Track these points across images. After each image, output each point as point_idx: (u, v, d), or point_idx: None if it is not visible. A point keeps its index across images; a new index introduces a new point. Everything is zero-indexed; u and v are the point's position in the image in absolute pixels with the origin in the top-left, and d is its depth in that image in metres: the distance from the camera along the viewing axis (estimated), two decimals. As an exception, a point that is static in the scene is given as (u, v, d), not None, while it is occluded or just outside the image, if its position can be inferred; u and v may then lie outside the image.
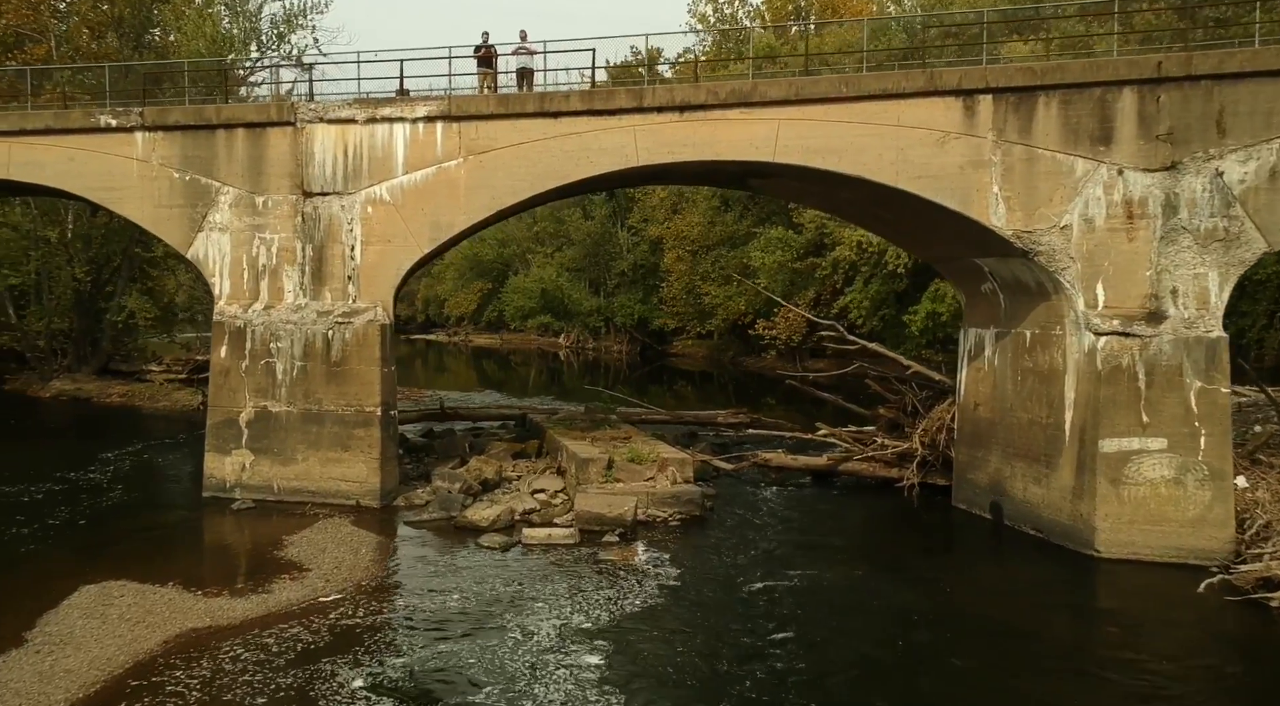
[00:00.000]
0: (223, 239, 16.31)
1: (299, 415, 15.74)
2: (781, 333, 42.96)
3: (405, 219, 15.69)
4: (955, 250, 15.08)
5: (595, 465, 15.35)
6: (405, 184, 15.73)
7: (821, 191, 15.49)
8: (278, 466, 15.79)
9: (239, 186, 16.17)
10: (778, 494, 17.11)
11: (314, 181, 15.96)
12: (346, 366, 15.66)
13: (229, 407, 16.01)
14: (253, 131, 16.14)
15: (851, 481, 17.94)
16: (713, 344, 56.08)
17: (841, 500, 16.85)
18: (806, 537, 14.15)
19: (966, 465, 15.70)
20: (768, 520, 15.12)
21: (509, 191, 15.38)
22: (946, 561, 13.50)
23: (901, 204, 14.50)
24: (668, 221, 52.80)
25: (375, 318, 15.67)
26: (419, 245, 15.72)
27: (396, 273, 15.86)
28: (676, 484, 15.26)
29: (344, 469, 15.59)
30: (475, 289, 79.72)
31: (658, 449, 16.35)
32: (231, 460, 15.95)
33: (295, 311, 15.96)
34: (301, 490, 15.66)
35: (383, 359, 15.63)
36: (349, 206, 15.89)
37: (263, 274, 16.22)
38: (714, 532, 14.20)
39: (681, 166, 15.23)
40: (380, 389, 15.57)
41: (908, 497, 16.30)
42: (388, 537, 13.51)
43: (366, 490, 15.48)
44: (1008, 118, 13.42)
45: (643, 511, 14.51)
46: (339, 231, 15.94)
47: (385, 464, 15.62)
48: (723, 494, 16.86)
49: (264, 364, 15.92)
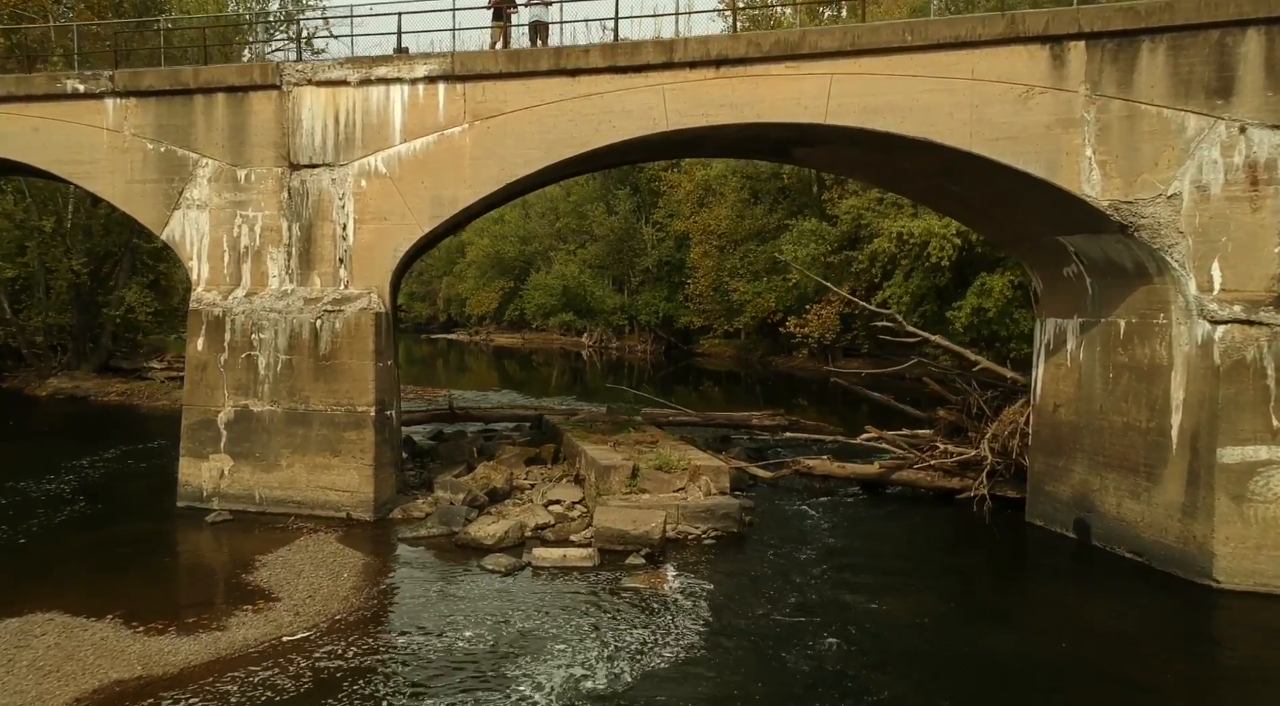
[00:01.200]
0: (201, 217, 14.53)
1: (283, 415, 13.92)
2: (814, 330, 40.94)
3: (403, 193, 13.85)
4: (1034, 227, 13.05)
5: (618, 473, 13.44)
6: (403, 154, 13.88)
7: (879, 161, 13.50)
8: (259, 473, 13.98)
9: (219, 158, 14.39)
10: (824, 506, 15.12)
11: (301, 152, 14.15)
12: (336, 360, 13.83)
13: (206, 407, 14.22)
14: (234, 97, 14.35)
15: (905, 492, 15.95)
16: (740, 343, 54.12)
17: (897, 514, 14.84)
18: (862, 560, 12.17)
19: (1044, 475, 13.66)
20: (815, 538, 13.15)
21: (520, 161, 13.50)
22: (1030, 591, 11.46)
23: (974, 173, 12.50)
24: (694, 216, 50.83)
25: (369, 305, 13.84)
26: (419, 223, 13.86)
27: (393, 254, 14.01)
28: (710, 495, 13.32)
29: (333, 476, 13.76)
30: (497, 287, 78.20)
31: (688, 455, 14.41)
32: (209, 466, 14.16)
33: (280, 298, 14.15)
34: (286, 500, 13.85)
35: (377, 352, 13.78)
36: (340, 180, 14.06)
37: (244, 256, 14.42)
38: (755, 554, 12.25)
39: (717, 132, 13.30)
40: (374, 386, 13.73)
41: (974, 511, 14.28)
42: (377, 558, 11.64)
43: (358, 501, 13.64)
44: (1104, 68, 11.39)
45: (672, 528, 12.59)
46: (329, 208, 14.12)
47: (380, 471, 13.77)
48: (761, 506, 14.90)
49: (245, 357, 14.12)
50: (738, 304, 46.50)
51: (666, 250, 58.22)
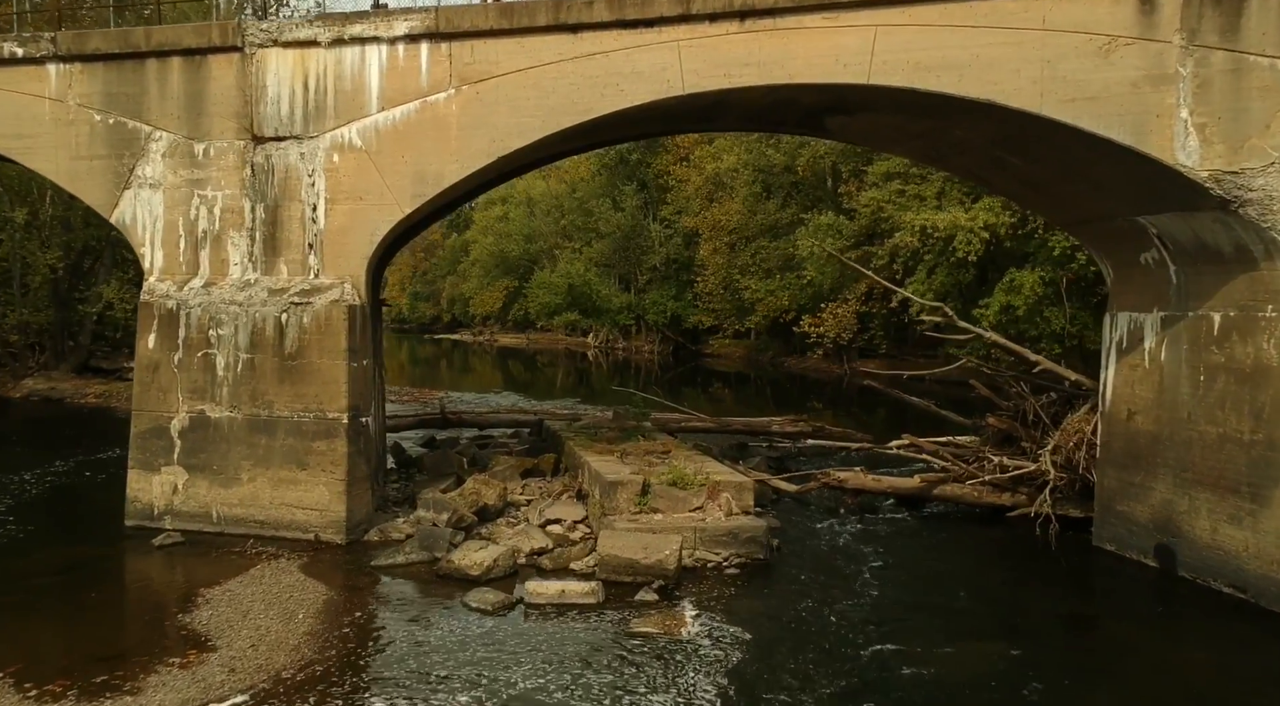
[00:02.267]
0: (154, 198, 12.82)
1: (244, 422, 12.20)
2: (830, 330, 39.19)
3: (381, 169, 12.12)
4: (1108, 205, 11.26)
5: (626, 490, 11.69)
6: (381, 124, 12.16)
7: (927, 130, 11.72)
8: (217, 488, 12.26)
9: (174, 131, 12.67)
10: (858, 526, 13.36)
11: (266, 123, 12.43)
12: (304, 360, 12.10)
13: (157, 412, 12.50)
14: (190, 60, 12.63)
15: (948, 508, 14.19)
16: (750, 343, 52.42)
17: (942, 536, 13.07)
18: (910, 597, 10.40)
19: (1115, 493, 11.86)
20: (853, 567, 11.38)
21: (514, 131, 11.76)
22: (1115, 637, 9.64)
23: (1041, 142, 10.73)
24: (703, 211, 49.11)
25: (342, 297, 12.11)
26: (398, 203, 12.13)
27: (370, 239, 12.28)
28: (732, 515, 11.56)
29: (300, 493, 12.03)
30: (500, 287, 76.71)
31: (705, 467, 12.65)
32: (160, 480, 12.44)
33: (242, 289, 12.43)
34: (247, 519, 12.13)
35: (351, 350, 12.04)
36: (310, 155, 12.34)
37: (203, 242, 12.71)
38: (785, 588, 10.48)
39: (741, 97, 11.54)
40: (347, 389, 11.99)
41: (1029, 532, 12.53)
42: (342, 592, 9.89)
43: (329, 521, 11.91)
44: (1204, 13, 9.60)
45: (689, 554, 10.84)
46: (297, 187, 12.40)
47: (353, 487, 12.04)
48: (787, 525, 13.16)
49: (201, 357, 12.40)
50: (749, 302, 44.78)
51: (674, 247, 56.53)
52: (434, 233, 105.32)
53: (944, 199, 32.24)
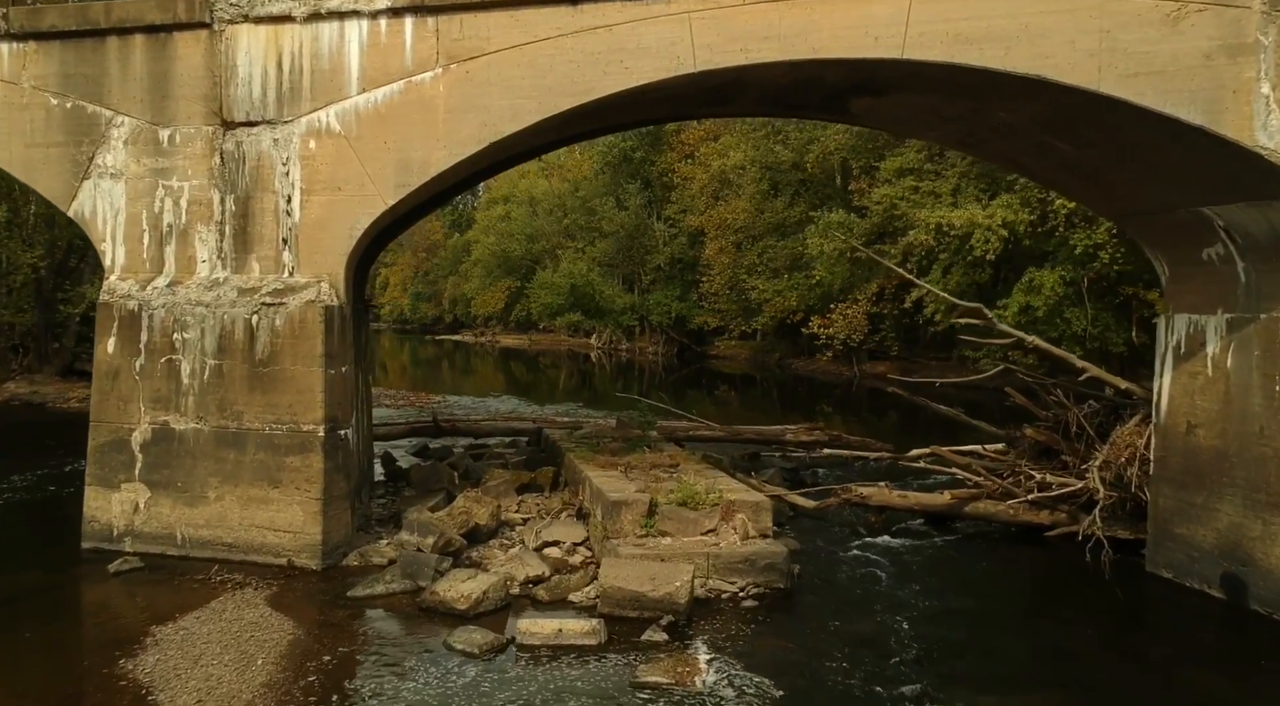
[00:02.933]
0: (115, 189, 11.72)
1: (211, 435, 11.09)
2: (839, 331, 38.06)
3: (362, 157, 11.02)
4: (1170, 194, 10.11)
5: (631, 511, 10.56)
6: (361, 107, 11.05)
7: (966, 112, 10.58)
8: (182, 507, 11.16)
9: (137, 116, 11.57)
10: (884, 547, 12.23)
11: (237, 107, 11.32)
12: (276, 366, 10.98)
13: (117, 424, 11.40)
14: (155, 38, 11.53)
15: (979, 527, 13.06)
16: (756, 344, 51.32)
17: (977, 559, 11.95)
18: (949, 629, 9.28)
19: (1173, 514, 10.72)
20: (884, 597, 10.26)
21: (507, 114, 10.64)
22: (1185, 678, 8.48)
23: (1095, 123, 9.59)
24: (709, 210, 47.98)
25: (318, 297, 10.99)
26: (381, 193, 11.02)
27: (349, 234, 11.16)
28: (749, 539, 10.42)
29: (272, 513, 10.92)
30: (502, 287, 75.73)
31: (718, 483, 11.52)
32: (120, 498, 11.33)
33: (209, 289, 11.33)
34: (214, 542, 11.03)
35: (328, 356, 10.93)
36: (284, 141, 11.23)
37: (168, 236, 11.60)
38: (810, 623, 9.35)
39: (759, 76, 10.42)
40: (324, 399, 10.87)
41: (1072, 555, 11.40)
42: (311, 631, 8.76)
43: (303, 544, 10.80)
44: (1288, -26, 8.48)
45: (701, 584, 9.72)
46: (270, 176, 11.29)
47: (330, 507, 10.92)
48: (807, 546, 12.05)
49: (165, 363, 11.29)
50: (755, 303, 43.65)
51: (679, 247, 55.42)
52: (436, 233, 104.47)
53: (960, 196, 31.11)
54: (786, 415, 34.14)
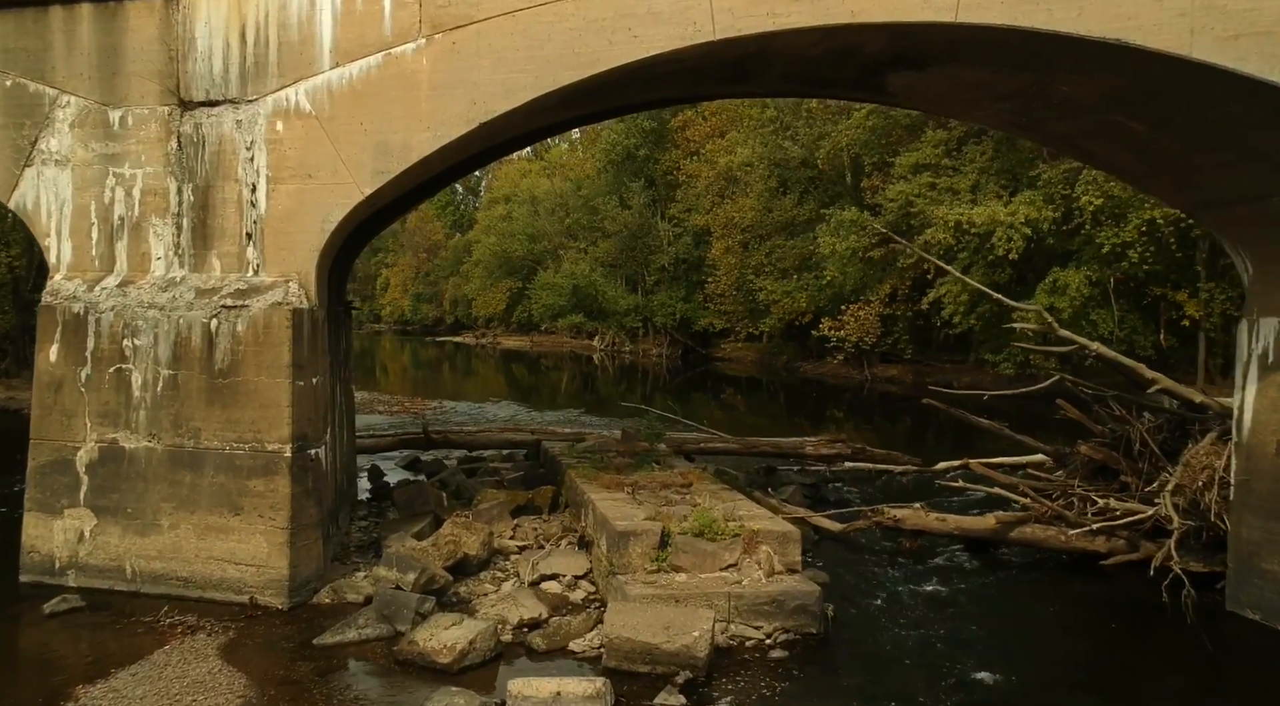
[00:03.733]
0: (60, 177, 10.42)
1: (165, 455, 9.80)
2: (851, 333, 36.75)
3: (335, 140, 9.72)
4: (1263, 182, 8.79)
5: (640, 542, 9.25)
6: (335, 84, 9.75)
7: (1023, 88, 9.26)
8: (132, 537, 9.86)
9: (85, 95, 10.28)
10: (923, 577, 10.93)
11: (195, 84, 10.04)
12: (238, 378, 9.68)
13: (60, 442, 10.10)
14: (103, 8, 10.23)
15: (1025, 554, 11.76)
16: (763, 347, 50.04)
17: (1029, 592, 10.63)
18: (1009, 680, 7.97)
19: (1261, 546, 9.39)
20: (930, 639, 8.95)
21: (500, 92, 9.35)
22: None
23: (1179, 97, 8.29)
24: (715, 208, 46.69)
25: (286, 298, 9.69)
26: (356, 181, 9.73)
27: (321, 227, 9.86)
28: (775, 574, 9.12)
29: (233, 544, 9.62)
30: (504, 288, 74.58)
31: (738, 508, 10.22)
32: (63, 526, 10.04)
33: (164, 289, 10.03)
34: (168, 576, 9.73)
35: (295, 365, 9.62)
36: (249, 123, 9.94)
37: (119, 231, 10.31)
38: (849, 673, 8.06)
39: (786, 46, 9.12)
40: (291, 414, 9.57)
41: (1146, 590, 10.08)
42: (267, 692, 7.45)
43: (267, 580, 9.50)
44: None
45: (722, 629, 8.42)
46: (233, 162, 10.00)
47: (299, 537, 9.62)
48: (836, 577, 10.73)
49: (114, 373, 10.00)
50: (763, 304, 42.34)
51: (684, 247, 54.13)
52: (437, 233, 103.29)
53: (979, 192, 29.82)
54: (794, 421, 32.87)
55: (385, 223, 13.16)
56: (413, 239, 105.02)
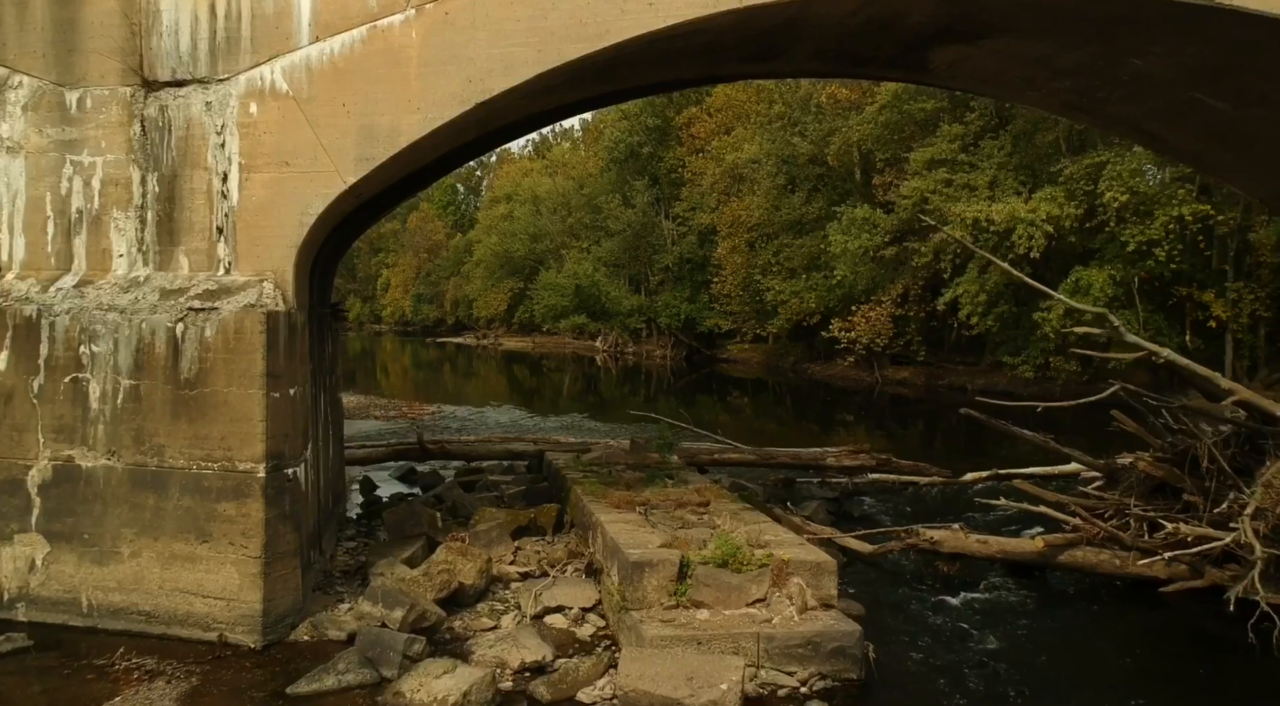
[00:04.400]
0: (13, 166, 9.41)
1: (126, 475, 8.78)
2: (862, 334, 35.71)
3: (315, 123, 8.72)
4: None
5: (657, 574, 8.23)
6: (315, 60, 8.75)
7: (1089, 62, 8.23)
8: (90, 566, 8.84)
9: (39, 74, 9.26)
10: (969, 608, 9.90)
11: (160, 62, 9.03)
12: (206, 388, 8.66)
13: (10, 459, 9.07)
14: (59, -22, 9.23)
15: (1075, 578, 10.74)
16: (769, 348, 49.01)
17: (1090, 625, 9.60)
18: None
19: (1353, 578, 8.38)
20: (986, 684, 7.93)
21: (499, 67, 8.34)
22: None
23: (1275, 68, 7.25)
24: (721, 206, 45.67)
25: (260, 300, 8.68)
26: (339, 169, 8.72)
27: (300, 220, 8.85)
28: (808, 610, 8.10)
29: (200, 574, 8.60)
30: (505, 288, 73.70)
31: (763, 533, 9.20)
32: (13, 553, 9.01)
33: (126, 290, 9.02)
34: (129, 610, 8.72)
35: (270, 375, 8.60)
36: (220, 104, 8.94)
37: (77, 225, 9.29)
38: (900, 731, 7.05)
39: (821, 16, 8.10)
40: (265, 430, 8.55)
41: (1216, 624, 9.06)
42: (227, 755, 6.45)
43: (238, 615, 8.48)
44: None
45: (751, 676, 7.39)
46: (202, 149, 8.99)
47: (275, 567, 8.60)
48: (871, 607, 9.68)
49: (70, 383, 8.97)
50: (771, 304, 41.29)
51: (688, 246, 53.11)
52: (438, 233, 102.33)
53: (997, 188, 28.78)
54: (803, 425, 31.85)
55: (375, 217, 12.15)
56: (413, 239, 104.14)
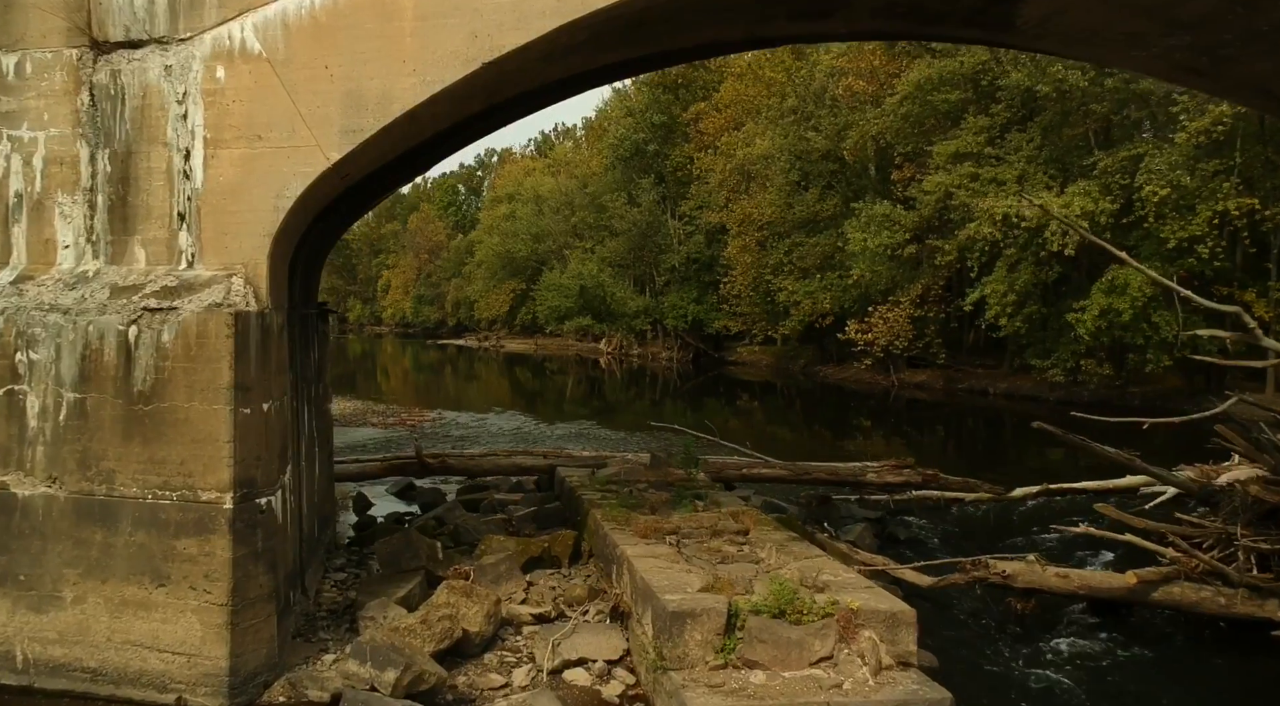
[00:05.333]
0: (-58, 143, 8.06)
1: (69, 505, 7.41)
2: (880, 336, 34.35)
3: (293, 89, 7.36)
4: None
5: (700, 626, 6.86)
6: (292, 16, 7.40)
7: (1215, 11, 6.85)
8: (26, 613, 7.47)
9: (-29, 36, 7.91)
10: (1057, 659, 8.55)
11: (112, 19, 7.67)
12: (164, 403, 7.30)
13: (-65, 486, 7.72)
14: (-6, -79, 7.87)
15: (1168, 616, 9.37)
16: (779, 350, 47.68)
17: (1197, 677, 8.24)
18: None
19: None
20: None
21: (510, 20, 6.99)
22: None
23: None
24: (730, 204, 44.33)
25: (228, 299, 7.31)
26: (321, 144, 7.36)
27: (276, 204, 7.49)
28: (884, 671, 6.72)
29: (156, 624, 7.24)
30: (507, 289, 72.50)
31: (819, 570, 7.81)
32: (-63, 596, 7.66)
33: (71, 287, 7.66)
34: (72, 666, 7.35)
35: (239, 388, 7.23)
36: (181, 69, 7.58)
37: (15, 212, 7.94)
38: None
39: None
40: (233, 452, 7.18)
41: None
42: None
43: (200, 674, 7.11)
44: None
45: (822, 758, 6.02)
46: (161, 121, 7.63)
47: (243, 615, 7.23)
48: (944, 657, 8.31)
49: (4, 396, 7.61)
50: (783, 305, 39.91)
51: (696, 246, 51.78)
52: (439, 233, 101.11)
53: (1025, 183, 27.40)
54: (816, 430, 30.56)
55: (366, 204, 10.75)
56: (414, 240, 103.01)
